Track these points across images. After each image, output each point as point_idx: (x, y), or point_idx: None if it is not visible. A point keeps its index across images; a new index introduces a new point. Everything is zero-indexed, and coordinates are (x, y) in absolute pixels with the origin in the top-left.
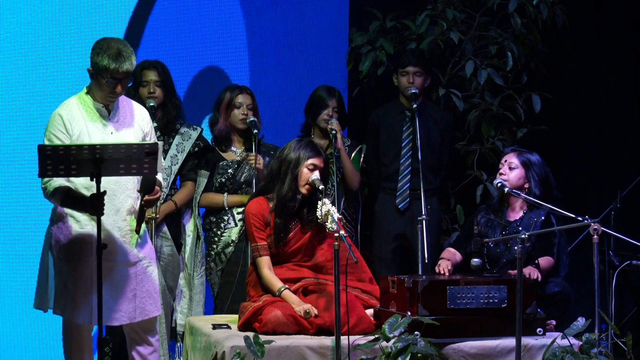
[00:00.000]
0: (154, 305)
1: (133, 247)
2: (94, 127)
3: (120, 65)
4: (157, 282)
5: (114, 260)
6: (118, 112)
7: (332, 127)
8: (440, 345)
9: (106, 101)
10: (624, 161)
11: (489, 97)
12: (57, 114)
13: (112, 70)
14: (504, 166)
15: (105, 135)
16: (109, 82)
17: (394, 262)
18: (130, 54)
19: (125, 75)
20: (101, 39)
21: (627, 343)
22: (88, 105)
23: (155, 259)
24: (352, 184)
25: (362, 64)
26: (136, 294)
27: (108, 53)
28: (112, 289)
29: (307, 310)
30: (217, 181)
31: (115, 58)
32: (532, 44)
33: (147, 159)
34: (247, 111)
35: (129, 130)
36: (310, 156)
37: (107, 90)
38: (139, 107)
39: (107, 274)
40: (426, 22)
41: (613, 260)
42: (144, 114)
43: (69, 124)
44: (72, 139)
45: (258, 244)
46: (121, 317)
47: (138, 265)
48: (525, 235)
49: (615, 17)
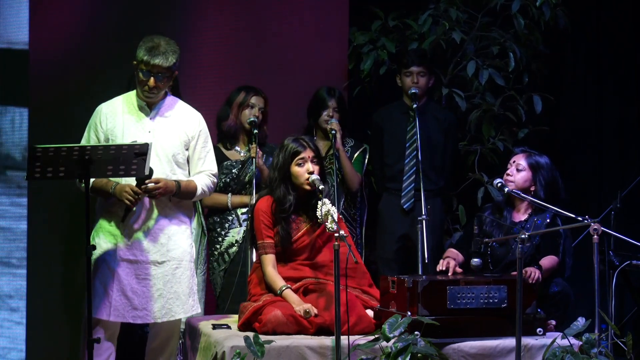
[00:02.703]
0: (181, 307)
1: (163, 247)
2: (131, 123)
3: (152, 57)
4: (188, 285)
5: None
6: (162, 111)
7: (332, 127)
8: (440, 345)
9: (145, 97)
10: (624, 161)
11: (490, 98)
12: (98, 107)
13: (144, 62)
14: (512, 167)
15: (142, 133)
16: (144, 74)
17: (397, 263)
18: (168, 51)
19: (159, 70)
20: (148, 35)
21: (627, 343)
22: (131, 101)
23: (188, 261)
24: (351, 185)
25: (364, 63)
26: (162, 294)
27: (146, 45)
28: (138, 287)
29: (307, 310)
30: (222, 181)
31: (149, 50)
32: (534, 45)
33: (136, 159)
34: (259, 113)
35: (169, 131)
36: (294, 152)
37: (142, 83)
38: (190, 111)
39: (131, 272)
40: (429, 22)
41: (613, 260)
42: (194, 118)
43: (104, 118)
44: (105, 133)
45: (265, 242)
46: (145, 315)
47: (166, 265)
48: (525, 235)
49: (616, 18)
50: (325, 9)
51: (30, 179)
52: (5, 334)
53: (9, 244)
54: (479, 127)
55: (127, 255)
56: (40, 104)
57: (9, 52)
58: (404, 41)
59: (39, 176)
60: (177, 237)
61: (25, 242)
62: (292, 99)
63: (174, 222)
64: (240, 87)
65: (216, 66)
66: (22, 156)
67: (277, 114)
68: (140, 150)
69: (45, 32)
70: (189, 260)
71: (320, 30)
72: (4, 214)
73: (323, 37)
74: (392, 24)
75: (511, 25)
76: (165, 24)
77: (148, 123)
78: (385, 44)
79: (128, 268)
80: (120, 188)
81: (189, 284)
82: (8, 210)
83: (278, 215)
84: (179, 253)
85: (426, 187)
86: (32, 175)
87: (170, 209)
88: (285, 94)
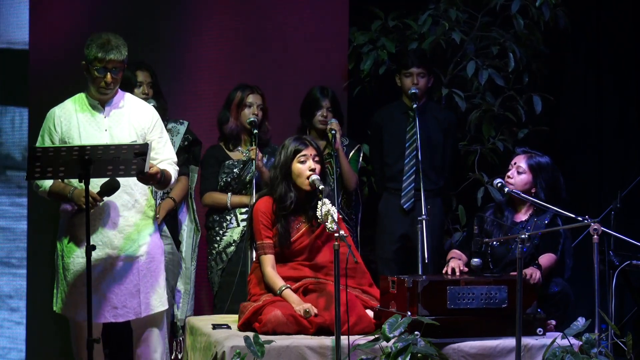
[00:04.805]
0: (159, 300)
1: (135, 243)
2: (87, 123)
3: (107, 53)
4: (162, 278)
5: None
6: (114, 108)
7: (332, 127)
8: (440, 345)
9: (99, 95)
10: (624, 161)
11: (490, 98)
12: (51, 111)
13: (99, 59)
14: (512, 168)
15: (99, 132)
16: (99, 71)
17: (396, 263)
18: (120, 45)
19: (114, 65)
20: (94, 33)
21: (627, 343)
22: (83, 102)
23: (160, 254)
24: (349, 184)
25: (364, 63)
26: (140, 289)
27: (96, 43)
28: (115, 285)
29: (307, 310)
30: (222, 180)
31: (102, 46)
32: (534, 45)
33: (136, 159)
34: (258, 111)
35: (125, 126)
36: (297, 150)
37: (98, 80)
38: (141, 104)
39: (109, 270)
40: (428, 22)
41: (613, 260)
42: (147, 111)
43: (58, 120)
44: (61, 136)
45: (264, 242)
46: (127, 313)
47: (140, 260)
48: (525, 235)
49: (616, 18)
50: (325, 9)
51: (30, 179)
52: (5, 334)
53: (9, 244)
54: (479, 127)
55: (99, 255)
56: (40, 104)
57: (9, 52)
58: (404, 41)
59: (39, 176)
60: (147, 231)
61: (25, 242)
62: (293, 99)
63: (141, 216)
64: (236, 87)
65: (216, 66)
66: (22, 156)
67: (277, 115)
68: (140, 150)
69: (45, 32)
70: (161, 254)
71: (320, 30)
72: (4, 214)
73: (323, 37)
74: (392, 24)
75: (511, 26)
76: (165, 24)
77: (103, 121)
78: (385, 44)
79: (103, 267)
80: (79, 193)
81: (164, 276)
82: (8, 210)
83: (278, 213)
84: (151, 247)
85: (426, 187)
86: (32, 175)
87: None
88: (285, 94)
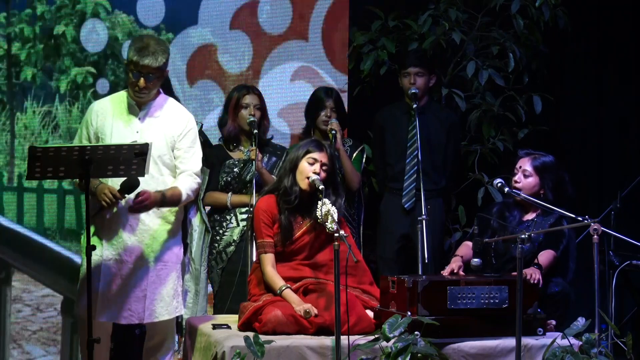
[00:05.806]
0: (166, 309)
1: (148, 248)
2: (120, 123)
3: (141, 58)
4: (172, 286)
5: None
6: (150, 116)
7: (332, 127)
8: (440, 345)
9: (135, 97)
10: (624, 161)
11: (490, 98)
12: (91, 105)
13: (134, 63)
14: (519, 172)
15: (130, 133)
16: (134, 75)
17: (397, 263)
18: (158, 51)
19: (149, 71)
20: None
21: (627, 343)
22: (121, 100)
23: (174, 262)
24: (351, 184)
25: (364, 63)
26: (146, 295)
27: (135, 46)
28: (123, 287)
29: (307, 310)
30: (223, 180)
31: (139, 50)
32: (534, 45)
33: (136, 159)
34: (255, 111)
35: (157, 132)
36: (309, 150)
37: (133, 84)
38: (179, 111)
39: (120, 272)
40: (428, 22)
41: (613, 260)
42: (182, 118)
43: (95, 115)
44: (95, 130)
45: (265, 241)
46: (130, 316)
47: (150, 267)
48: (525, 235)
49: (616, 18)
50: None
51: (30, 179)
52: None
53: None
54: (479, 127)
55: (112, 255)
56: None
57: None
58: (404, 41)
59: (39, 176)
60: (163, 238)
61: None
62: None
63: (159, 222)
64: (233, 89)
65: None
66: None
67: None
68: (140, 150)
69: None
70: (175, 262)
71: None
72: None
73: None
74: (392, 24)
75: (511, 26)
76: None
77: (136, 124)
78: (385, 44)
79: (113, 268)
80: (102, 188)
81: (174, 285)
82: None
83: (282, 207)
84: (164, 254)
85: (427, 187)
86: (32, 175)
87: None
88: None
